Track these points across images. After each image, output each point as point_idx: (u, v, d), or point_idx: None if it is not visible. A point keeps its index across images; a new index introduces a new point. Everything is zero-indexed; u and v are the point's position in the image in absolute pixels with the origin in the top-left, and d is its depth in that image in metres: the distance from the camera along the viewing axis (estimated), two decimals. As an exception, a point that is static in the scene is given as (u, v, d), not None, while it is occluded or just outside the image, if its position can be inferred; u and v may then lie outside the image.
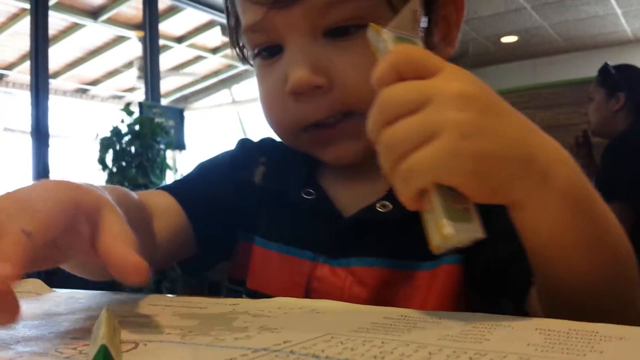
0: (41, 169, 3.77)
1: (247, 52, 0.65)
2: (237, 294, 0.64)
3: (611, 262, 0.40)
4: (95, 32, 5.62)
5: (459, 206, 0.36)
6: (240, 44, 0.66)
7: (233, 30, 0.66)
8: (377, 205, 0.56)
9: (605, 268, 0.40)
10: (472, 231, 0.36)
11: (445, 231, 0.35)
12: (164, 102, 6.29)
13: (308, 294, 0.57)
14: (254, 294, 0.61)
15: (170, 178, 3.98)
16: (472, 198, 0.36)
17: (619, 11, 5.42)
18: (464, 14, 0.60)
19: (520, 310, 0.49)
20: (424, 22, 0.57)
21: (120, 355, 0.29)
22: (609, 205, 0.41)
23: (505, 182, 0.37)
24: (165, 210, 0.60)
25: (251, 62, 0.64)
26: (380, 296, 0.54)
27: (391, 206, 0.55)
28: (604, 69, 2.38)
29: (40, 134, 3.77)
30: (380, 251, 0.56)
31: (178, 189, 0.65)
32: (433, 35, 0.58)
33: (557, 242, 0.39)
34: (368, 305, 0.44)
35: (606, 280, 0.40)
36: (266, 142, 0.71)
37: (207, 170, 0.69)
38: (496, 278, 0.52)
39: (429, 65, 0.37)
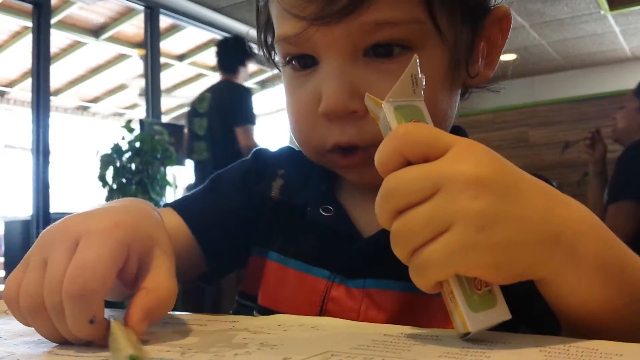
0: (41, 186, 3.77)
1: (276, 57, 0.62)
2: (247, 310, 0.62)
3: None
4: (96, 50, 5.65)
5: (480, 291, 0.34)
6: (269, 43, 0.62)
7: (262, 29, 0.62)
8: None
9: None
10: (498, 315, 0.34)
11: (470, 327, 0.33)
12: (165, 119, 6.31)
13: (322, 315, 0.54)
14: (265, 312, 0.58)
15: (170, 195, 3.97)
16: (494, 284, 0.35)
17: (617, 29, 5.46)
18: (507, 36, 0.57)
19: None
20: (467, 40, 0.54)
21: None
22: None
23: (529, 266, 0.35)
24: (174, 232, 0.57)
25: (279, 67, 0.61)
26: (397, 321, 0.51)
27: None
28: None
29: (41, 151, 3.78)
30: (399, 273, 0.51)
31: (185, 207, 0.63)
32: (473, 56, 0.56)
33: (588, 313, 0.37)
34: (368, 323, 0.44)
35: None
36: (285, 152, 0.68)
37: (218, 183, 0.67)
38: (520, 307, 0.50)
39: (437, 144, 0.35)
